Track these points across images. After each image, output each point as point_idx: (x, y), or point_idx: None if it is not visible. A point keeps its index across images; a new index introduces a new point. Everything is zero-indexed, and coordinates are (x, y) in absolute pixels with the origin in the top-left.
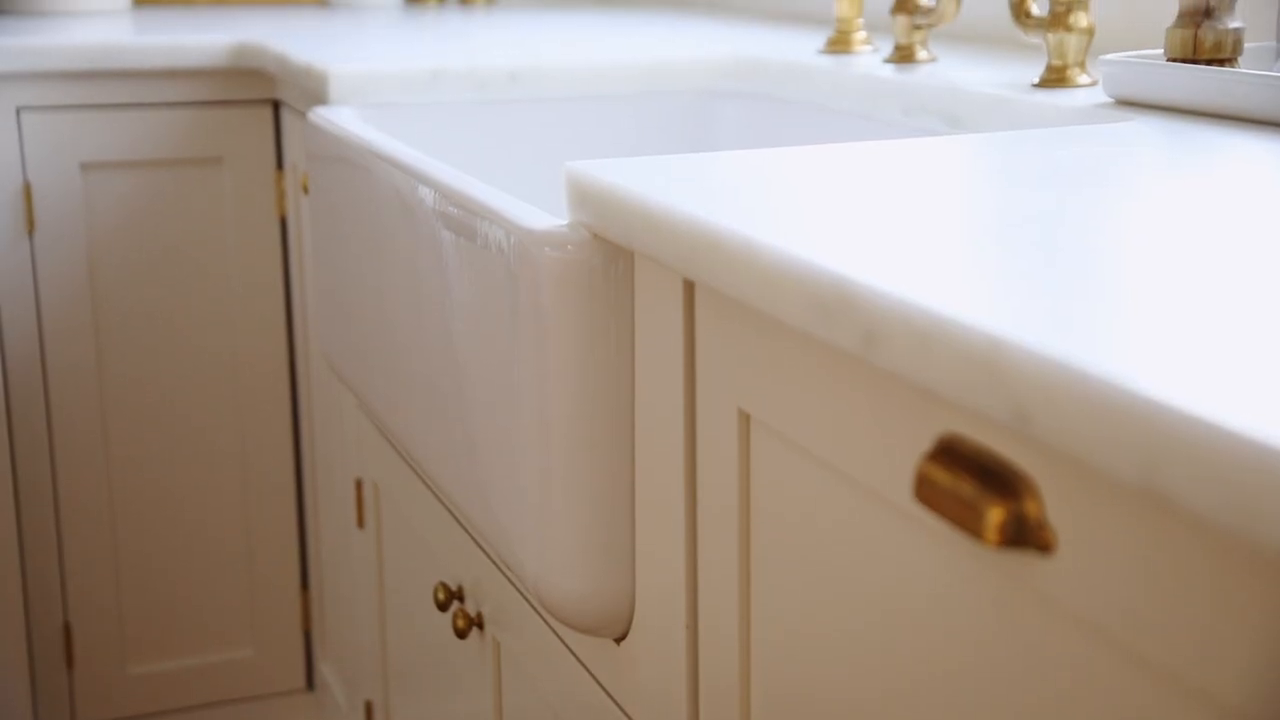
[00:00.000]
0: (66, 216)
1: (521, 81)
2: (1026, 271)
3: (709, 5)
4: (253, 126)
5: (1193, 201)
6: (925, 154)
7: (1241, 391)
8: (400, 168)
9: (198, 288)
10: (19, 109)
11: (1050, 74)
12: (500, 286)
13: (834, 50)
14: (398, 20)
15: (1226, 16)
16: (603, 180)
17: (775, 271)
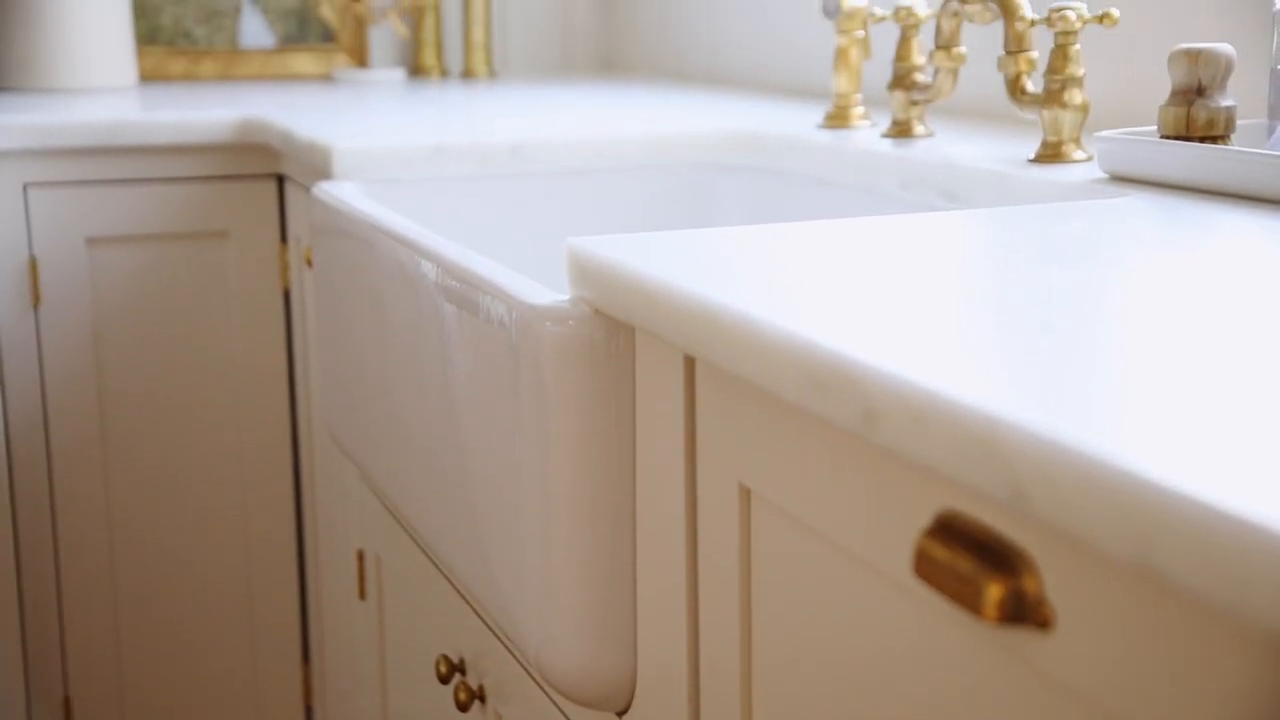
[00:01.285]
0: (71, 290)
1: (523, 156)
2: (1024, 348)
3: (708, 78)
4: (257, 201)
5: (1188, 278)
6: (923, 230)
7: (1235, 471)
8: (403, 242)
9: (201, 359)
10: (26, 185)
11: (1046, 150)
12: (502, 360)
13: (832, 125)
14: (401, 95)
15: (1219, 95)
16: (603, 256)
17: (774, 348)
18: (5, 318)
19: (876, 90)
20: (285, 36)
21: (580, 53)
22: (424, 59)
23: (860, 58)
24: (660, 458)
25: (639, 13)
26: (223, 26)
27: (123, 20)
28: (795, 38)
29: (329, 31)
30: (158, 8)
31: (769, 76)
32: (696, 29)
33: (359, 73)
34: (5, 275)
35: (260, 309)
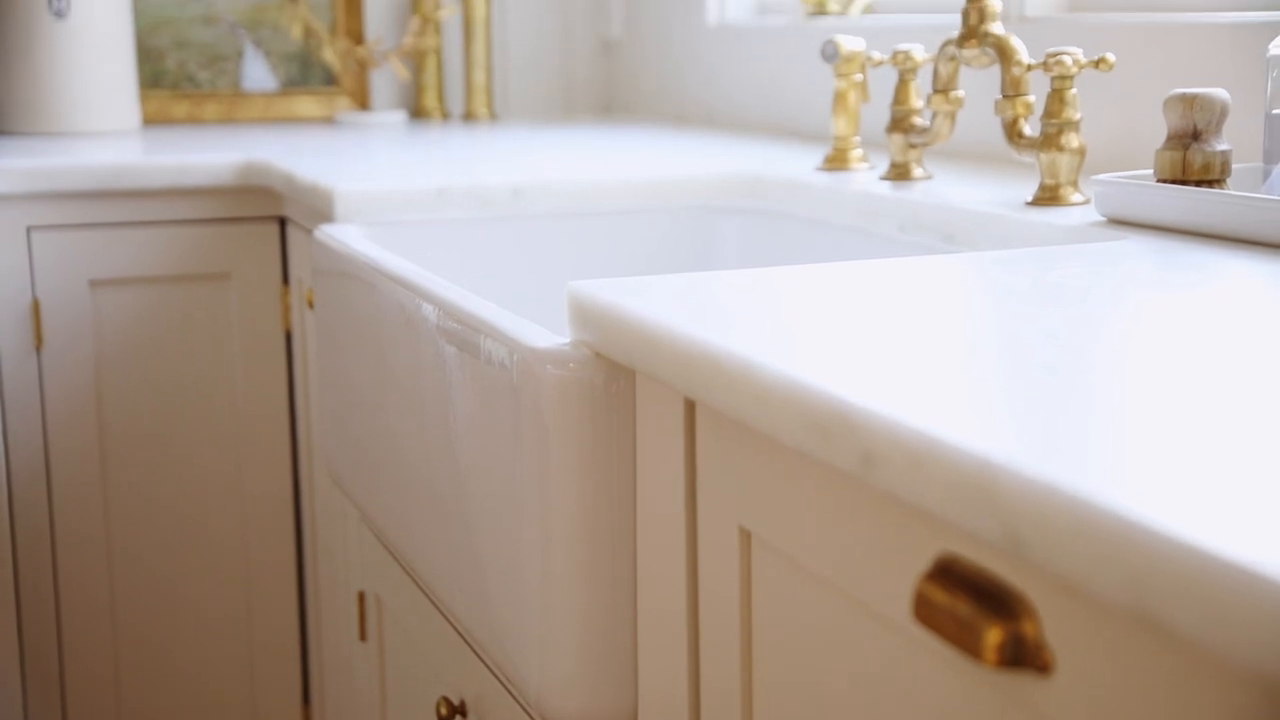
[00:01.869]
0: (74, 332)
1: (524, 198)
2: (1022, 392)
3: (707, 120)
4: (259, 243)
5: (1184, 321)
6: (921, 273)
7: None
8: (404, 284)
9: (203, 400)
10: (29, 228)
11: (1043, 193)
12: (503, 403)
13: (831, 167)
14: (403, 137)
15: (1214, 139)
16: (604, 300)
17: (774, 392)
18: (8, 360)
19: (875, 133)
20: (288, 80)
21: (580, 95)
22: (425, 101)
23: (859, 101)
24: (661, 500)
25: (639, 56)
26: (226, 70)
27: (127, 65)
28: (794, 81)
29: (331, 75)
30: (162, 52)
31: (768, 119)
32: (696, 72)
33: (361, 115)
34: (8, 318)
35: (262, 350)
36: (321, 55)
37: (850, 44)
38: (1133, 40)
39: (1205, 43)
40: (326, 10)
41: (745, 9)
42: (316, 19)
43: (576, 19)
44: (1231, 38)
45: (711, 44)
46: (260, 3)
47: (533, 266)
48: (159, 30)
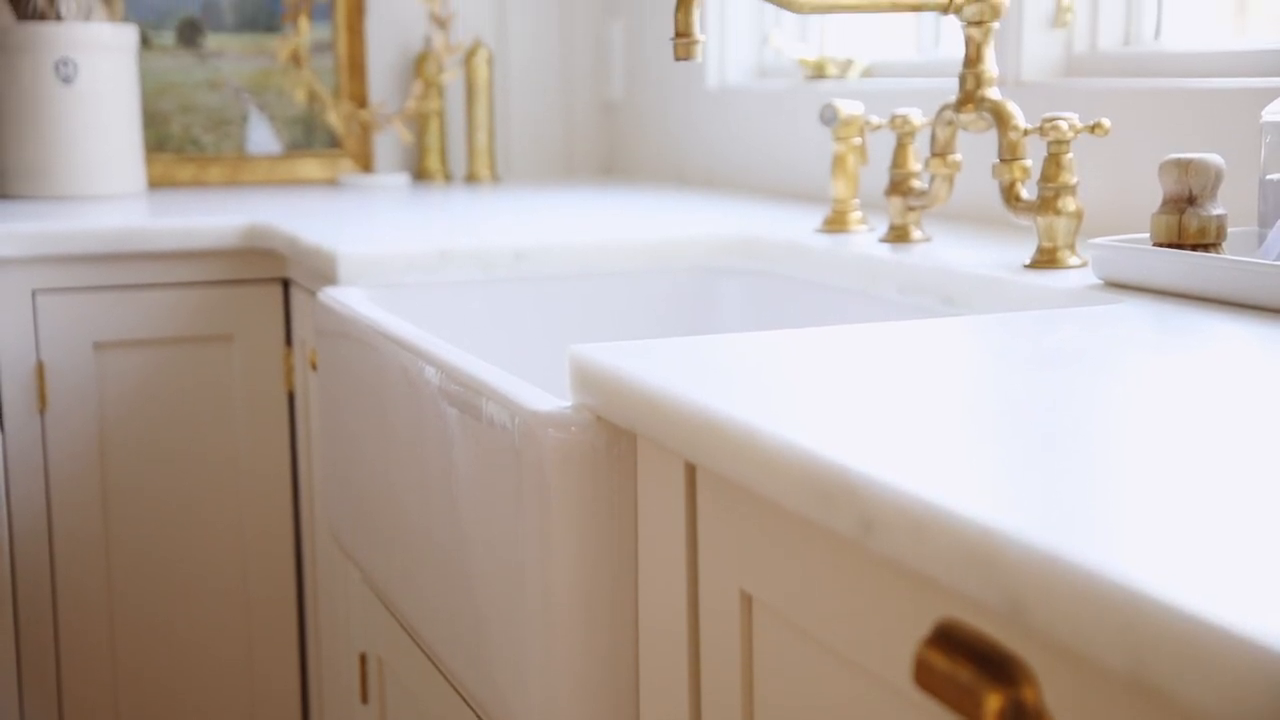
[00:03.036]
0: (78, 394)
1: (527, 260)
2: (1022, 458)
3: (707, 182)
4: (263, 304)
5: (1182, 386)
6: (921, 336)
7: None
8: (406, 347)
9: (206, 461)
10: (35, 291)
11: (1041, 255)
12: (505, 466)
13: (831, 229)
14: (406, 199)
15: (1209, 203)
16: (605, 364)
17: (775, 458)
18: (11, 423)
19: (874, 194)
20: (291, 143)
21: (582, 156)
22: (428, 163)
23: (857, 164)
24: (662, 563)
25: (639, 118)
26: (230, 134)
27: (133, 129)
28: (793, 143)
29: (334, 138)
30: (167, 116)
31: (768, 181)
32: (696, 134)
33: (364, 178)
34: (13, 380)
35: (264, 411)
36: (325, 119)
37: (849, 108)
38: (1128, 105)
39: (1199, 108)
40: (330, 74)
41: (744, 72)
42: (320, 83)
43: (577, 82)
44: (1225, 103)
45: (711, 106)
46: (265, 67)
47: (535, 328)
48: (165, 95)
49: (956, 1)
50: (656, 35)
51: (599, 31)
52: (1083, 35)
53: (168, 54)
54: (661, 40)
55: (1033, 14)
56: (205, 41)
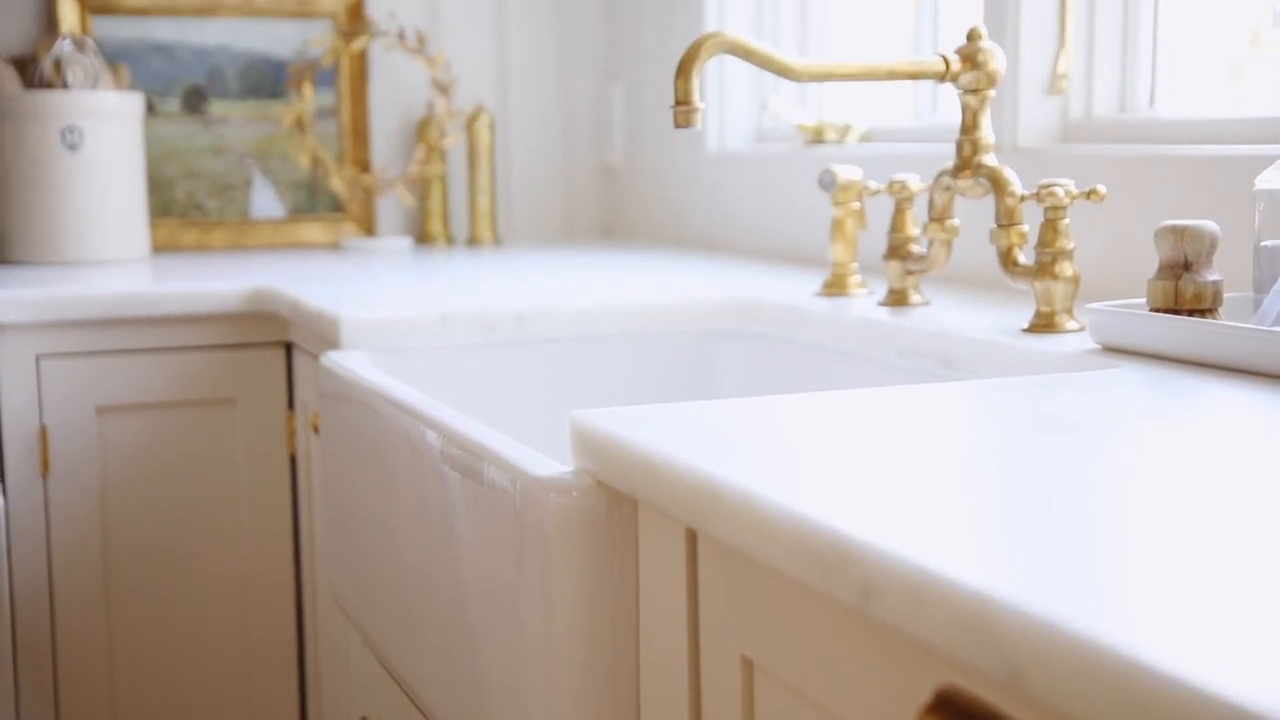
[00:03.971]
0: (81, 458)
1: (528, 323)
2: (1021, 525)
3: (707, 244)
4: (265, 368)
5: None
6: (921, 401)
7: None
8: (408, 411)
9: (208, 525)
10: (39, 356)
11: (1039, 320)
12: (506, 530)
13: (830, 293)
14: (408, 263)
15: (1205, 269)
16: (606, 429)
17: (774, 524)
18: (14, 486)
19: (873, 258)
20: (295, 207)
21: (582, 219)
22: (430, 227)
23: (856, 228)
24: (663, 628)
25: (640, 181)
26: (234, 199)
27: (137, 195)
28: (792, 207)
29: (338, 202)
30: (171, 182)
31: (767, 244)
32: (696, 198)
33: (367, 241)
34: (16, 444)
35: (267, 474)
36: (329, 183)
37: (847, 173)
38: (1124, 171)
39: (1194, 174)
40: (334, 140)
41: (744, 137)
42: (324, 148)
43: (578, 146)
44: (1220, 169)
45: (711, 171)
46: (269, 133)
47: (536, 391)
48: (169, 160)
49: (953, 70)
50: (656, 100)
51: (599, 96)
52: (1078, 102)
53: (173, 120)
54: (661, 105)
55: (1028, 81)
56: (210, 108)
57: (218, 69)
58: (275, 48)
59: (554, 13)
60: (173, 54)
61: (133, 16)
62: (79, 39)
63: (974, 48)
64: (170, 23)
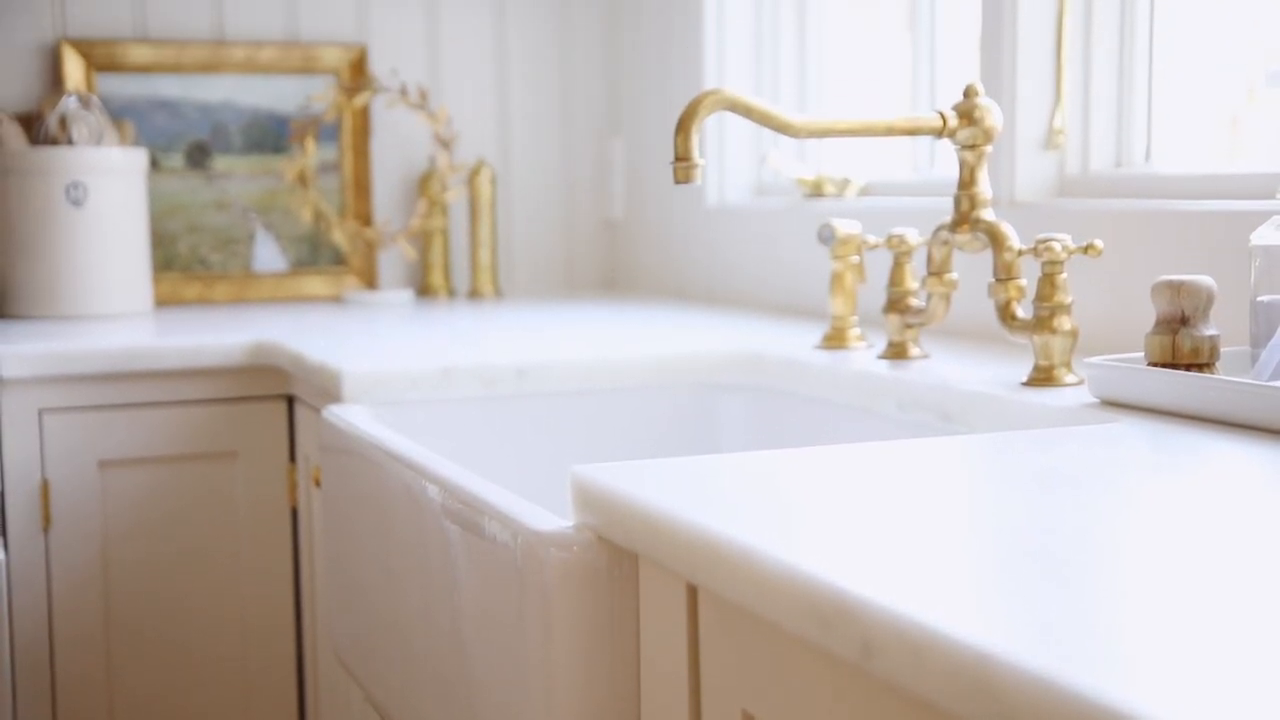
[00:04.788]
0: (82, 512)
1: (529, 377)
2: (1020, 581)
3: (708, 297)
4: (267, 421)
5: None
6: (921, 456)
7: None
8: (410, 465)
9: (209, 578)
10: (41, 410)
11: (1038, 373)
12: (507, 584)
13: (830, 346)
14: (410, 316)
15: (1202, 324)
16: (606, 485)
17: (775, 581)
18: (15, 541)
19: (872, 311)
20: (297, 260)
21: (583, 272)
22: (432, 280)
23: (855, 282)
24: (664, 683)
25: (640, 235)
26: (237, 253)
27: (140, 250)
28: (792, 260)
29: (340, 255)
30: (174, 236)
31: (767, 297)
32: (696, 251)
33: (369, 294)
34: (17, 499)
35: (268, 528)
36: (331, 237)
37: (846, 227)
38: (1120, 225)
39: (1191, 229)
40: (336, 194)
41: (744, 190)
42: (326, 202)
43: (579, 199)
44: (1216, 224)
45: (711, 224)
46: (271, 187)
47: (537, 445)
48: (173, 215)
49: (950, 126)
50: (657, 154)
51: (600, 150)
52: (1075, 157)
53: (176, 176)
54: (662, 158)
55: (1025, 136)
56: (213, 163)
57: (221, 124)
58: (278, 103)
59: (555, 68)
60: (177, 110)
61: (137, 74)
62: (84, 96)
63: (971, 104)
64: (174, 79)
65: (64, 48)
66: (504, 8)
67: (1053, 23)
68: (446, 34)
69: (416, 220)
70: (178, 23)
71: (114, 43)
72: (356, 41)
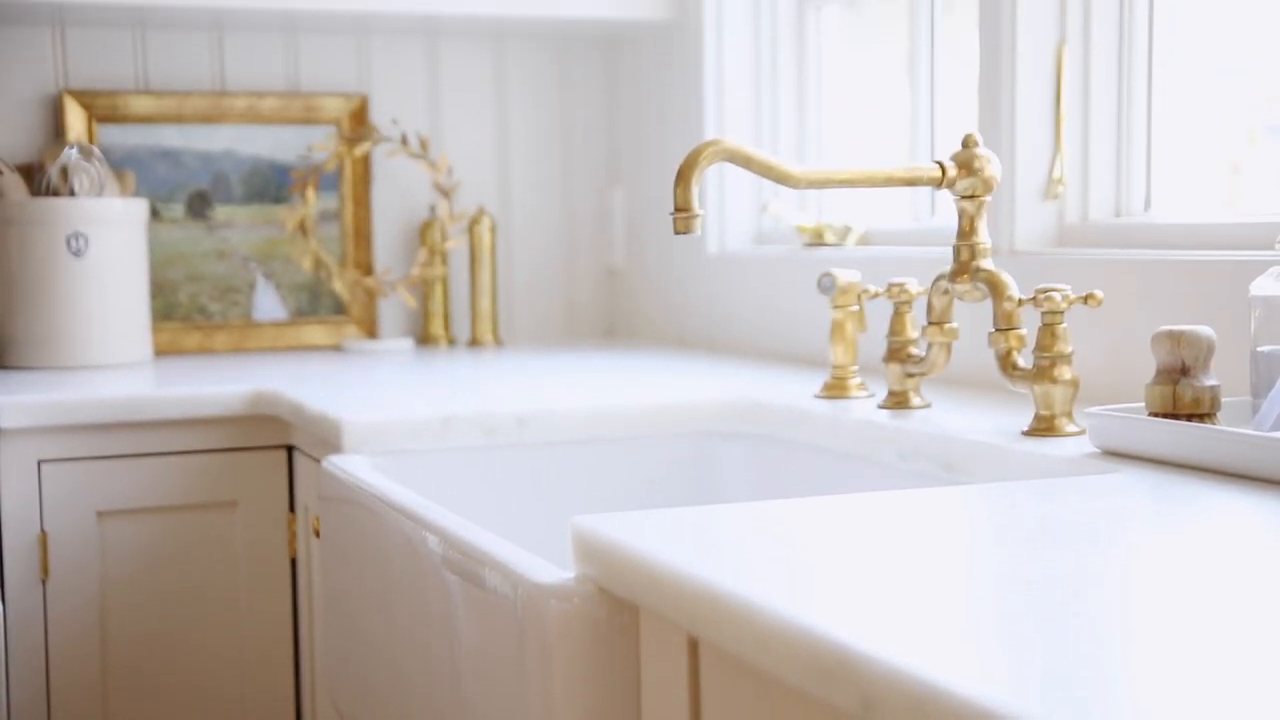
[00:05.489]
0: (80, 562)
1: (529, 426)
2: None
3: (708, 345)
4: (267, 471)
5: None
6: (922, 507)
7: None
8: (409, 515)
9: (207, 627)
10: (40, 461)
11: (1039, 423)
12: (507, 635)
13: (830, 395)
14: (410, 364)
15: (1202, 374)
16: (607, 536)
17: (775, 634)
18: (13, 592)
19: (873, 359)
20: (297, 309)
21: (584, 319)
22: (432, 328)
23: (856, 331)
24: None
25: (641, 282)
26: (237, 301)
27: (140, 300)
28: (792, 308)
29: (340, 303)
30: (175, 285)
31: (768, 345)
32: (697, 298)
33: (369, 343)
34: (15, 550)
35: (267, 577)
36: (331, 285)
37: (846, 276)
38: (1120, 275)
39: (1189, 279)
40: (336, 242)
41: (744, 238)
42: (326, 251)
43: (579, 247)
44: (1215, 274)
45: (711, 272)
46: (272, 236)
47: (538, 494)
48: (173, 264)
49: (949, 176)
50: (657, 201)
51: (601, 198)
52: (1074, 206)
53: (177, 225)
54: (662, 206)
55: (1025, 185)
56: (214, 213)
57: (222, 174)
58: (279, 152)
59: (555, 116)
60: (178, 159)
61: (139, 124)
62: (85, 147)
63: (970, 154)
64: (176, 129)
65: (66, 99)
66: (504, 55)
67: (1051, 72)
68: (447, 83)
69: (417, 269)
70: (179, 73)
71: (116, 94)
72: (357, 91)
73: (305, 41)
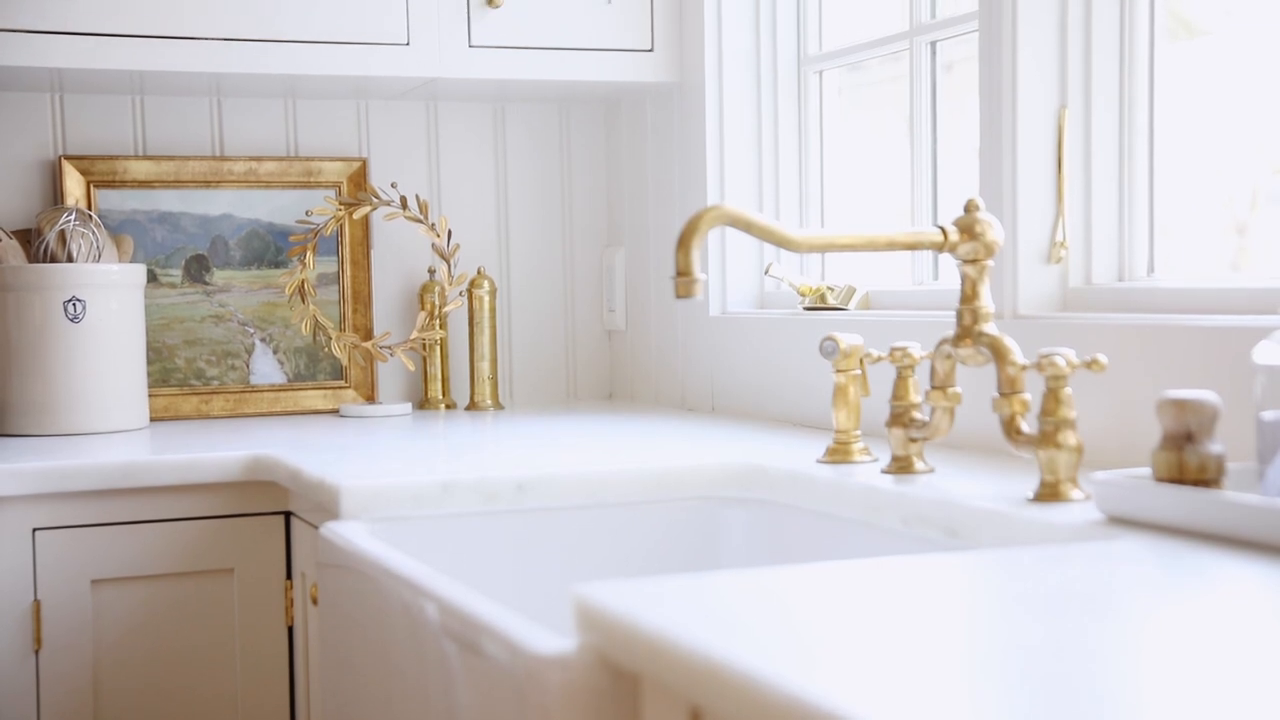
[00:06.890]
0: (74, 632)
1: (530, 492)
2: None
3: (710, 408)
4: (264, 537)
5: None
6: (926, 574)
7: None
8: (408, 583)
9: (203, 698)
10: (34, 529)
11: (1044, 489)
12: (508, 705)
13: (833, 459)
14: (409, 428)
15: (1208, 440)
16: (609, 605)
17: (778, 704)
18: (5, 662)
19: (876, 423)
20: (296, 374)
21: (584, 382)
22: (431, 392)
23: (859, 395)
24: None
25: (641, 345)
26: (235, 366)
27: (137, 366)
28: (794, 371)
29: (338, 367)
30: (172, 350)
31: (770, 408)
32: (698, 361)
33: (367, 407)
34: (8, 620)
35: (264, 645)
36: (329, 349)
37: (848, 340)
38: (1124, 339)
39: (1193, 344)
40: (335, 306)
41: (746, 300)
42: (325, 315)
43: (580, 310)
44: (1219, 339)
45: (713, 334)
46: (270, 300)
47: (538, 560)
48: (171, 328)
49: (951, 240)
50: (658, 263)
51: (601, 260)
52: (1077, 270)
53: (175, 289)
54: (663, 268)
55: (1027, 249)
56: (212, 277)
57: (220, 238)
58: (278, 216)
59: (555, 178)
60: (176, 223)
61: (137, 189)
62: (83, 212)
63: (971, 219)
64: (174, 193)
65: (64, 164)
66: (504, 119)
67: (1052, 135)
68: (446, 145)
69: (416, 333)
70: (178, 138)
71: (114, 158)
72: (357, 154)
73: (304, 105)
